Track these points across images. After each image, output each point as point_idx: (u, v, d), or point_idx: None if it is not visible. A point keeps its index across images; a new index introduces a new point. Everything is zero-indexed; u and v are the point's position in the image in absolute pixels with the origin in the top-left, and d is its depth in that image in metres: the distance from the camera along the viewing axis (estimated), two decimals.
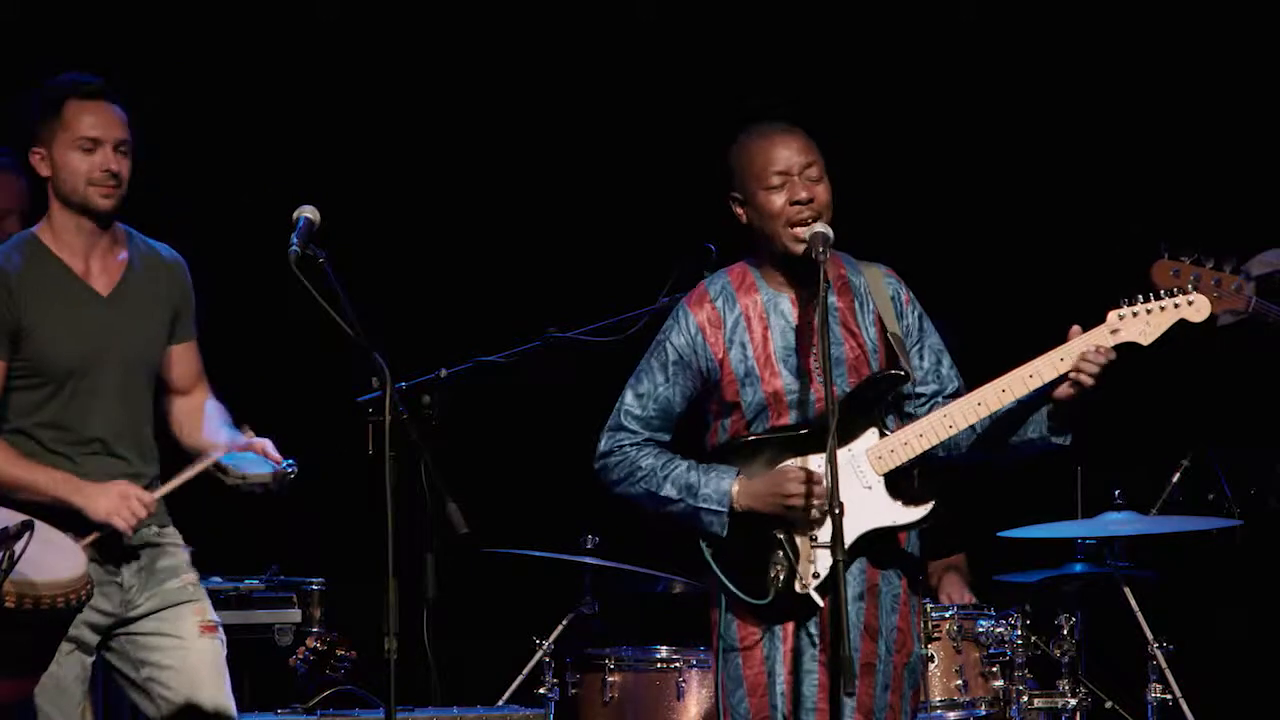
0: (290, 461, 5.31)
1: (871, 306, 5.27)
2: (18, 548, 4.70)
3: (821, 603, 5.12)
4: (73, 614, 4.98)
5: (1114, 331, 5.10)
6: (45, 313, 5.29)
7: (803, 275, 5.22)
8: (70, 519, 5.19)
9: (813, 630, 5.15)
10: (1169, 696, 7.15)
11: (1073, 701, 7.03)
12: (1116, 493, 7.31)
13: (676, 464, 5.24)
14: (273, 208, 5.45)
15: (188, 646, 5.33)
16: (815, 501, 5.10)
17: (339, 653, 7.13)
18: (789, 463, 5.17)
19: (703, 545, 5.22)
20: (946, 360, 5.30)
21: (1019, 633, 6.93)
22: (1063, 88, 8.41)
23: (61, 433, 5.29)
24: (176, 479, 5.29)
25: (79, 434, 5.29)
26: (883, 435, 5.18)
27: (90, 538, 5.21)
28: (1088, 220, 8.30)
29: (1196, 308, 5.11)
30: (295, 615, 7.04)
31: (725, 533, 5.17)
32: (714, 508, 5.16)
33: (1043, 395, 5.12)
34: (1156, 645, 7.18)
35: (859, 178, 5.53)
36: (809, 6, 8.44)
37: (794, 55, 8.39)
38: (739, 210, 5.26)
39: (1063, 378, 5.09)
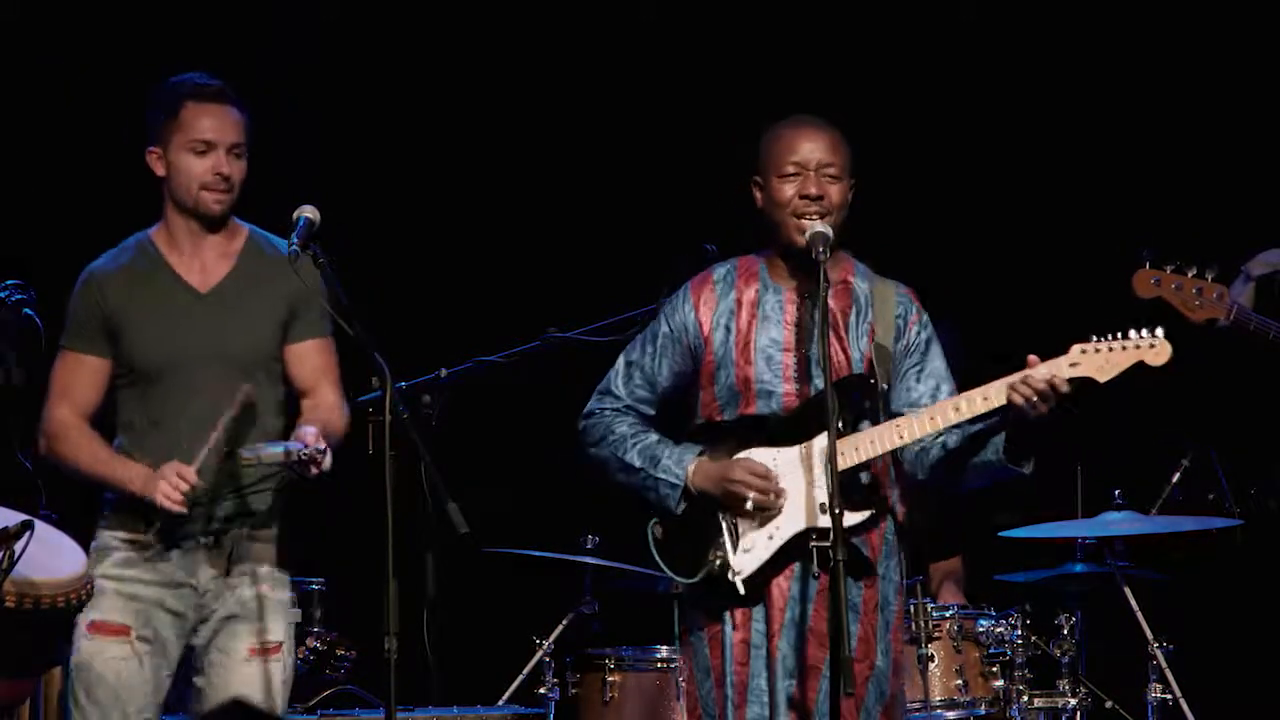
0: (299, 444, 5.09)
1: (869, 318, 5.27)
2: (18, 548, 4.70)
3: (743, 591, 5.14)
4: (73, 614, 4.97)
5: (1073, 364, 5.04)
6: (136, 310, 5.29)
7: (803, 271, 5.24)
8: (148, 509, 5.16)
9: (758, 620, 5.16)
10: (1169, 696, 7.13)
11: (1073, 701, 7.03)
12: (1116, 493, 7.30)
13: (648, 435, 5.28)
14: (273, 207, 5.46)
15: (230, 668, 5.27)
16: (754, 494, 5.13)
17: (339, 653, 7.14)
18: (749, 452, 5.19)
19: (650, 525, 5.24)
20: (946, 388, 5.26)
21: (1019, 633, 6.92)
22: (1063, 88, 8.41)
23: (155, 431, 5.26)
24: (197, 458, 5.16)
25: (171, 433, 5.24)
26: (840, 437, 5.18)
27: (158, 526, 5.19)
28: (1089, 221, 8.30)
29: (1158, 352, 5.03)
30: (295, 615, 7.02)
31: (679, 509, 5.19)
32: (672, 480, 5.19)
33: (1003, 419, 5.10)
34: (1156, 645, 7.17)
35: (858, 178, 5.53)
36: (809, 7, 8.44)
37: (793, 56, 8.38)
38: (757, 194, 5.29)
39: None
